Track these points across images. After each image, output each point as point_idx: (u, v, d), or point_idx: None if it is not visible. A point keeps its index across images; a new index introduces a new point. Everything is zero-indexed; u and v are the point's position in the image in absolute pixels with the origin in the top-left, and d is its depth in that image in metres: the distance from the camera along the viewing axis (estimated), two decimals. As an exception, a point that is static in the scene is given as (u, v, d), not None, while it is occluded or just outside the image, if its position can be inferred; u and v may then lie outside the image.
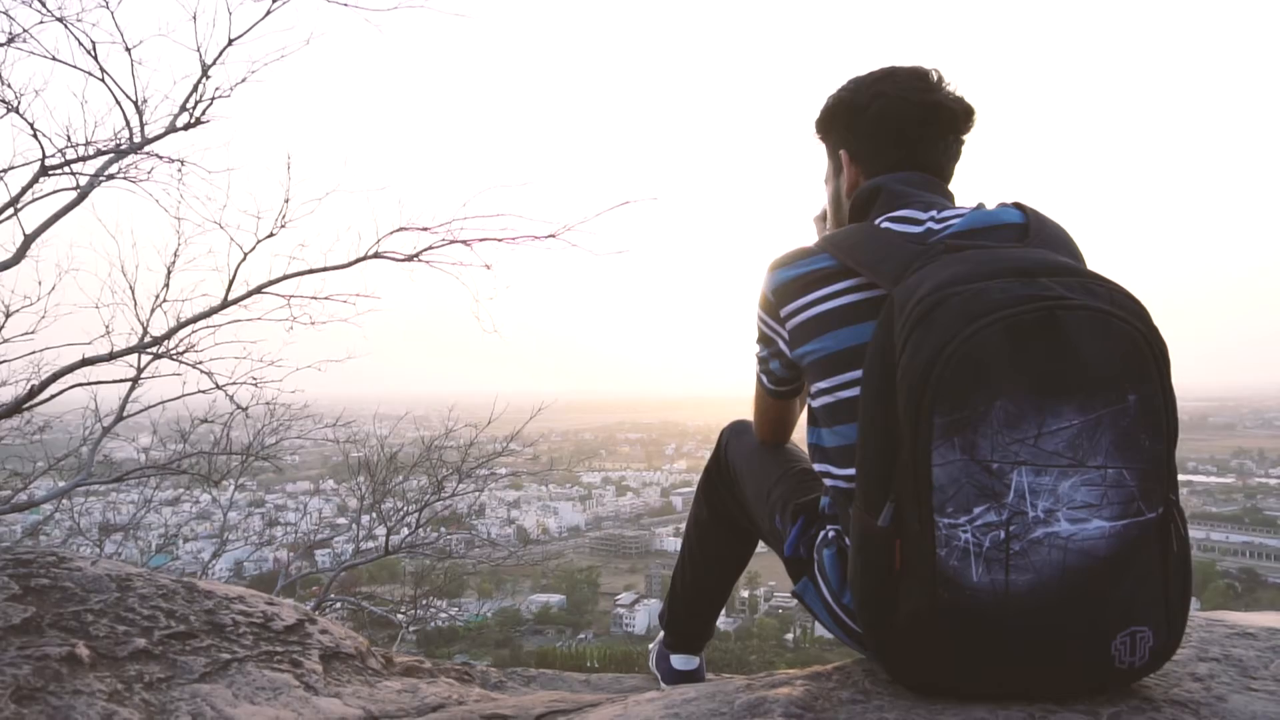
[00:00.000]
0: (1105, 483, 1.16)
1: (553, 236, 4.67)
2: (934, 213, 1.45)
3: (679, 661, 2.13)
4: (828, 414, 1.48)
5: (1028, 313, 1.16)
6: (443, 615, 8.98)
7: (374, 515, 7.56)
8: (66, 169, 4.01)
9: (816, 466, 1.54)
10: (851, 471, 1.37)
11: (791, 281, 1.49)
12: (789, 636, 39.78)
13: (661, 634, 2.21)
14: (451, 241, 4.64)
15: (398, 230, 4.75)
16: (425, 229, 4.71)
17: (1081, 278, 1.23)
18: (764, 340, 1.64)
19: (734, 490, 1.91)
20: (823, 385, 1.47)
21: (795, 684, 1.42)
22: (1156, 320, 1.23)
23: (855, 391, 1.35)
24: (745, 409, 1.91)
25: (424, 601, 8.18)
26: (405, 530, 7.30)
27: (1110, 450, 1.16)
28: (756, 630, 41.54)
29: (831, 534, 1.53)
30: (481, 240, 4.64)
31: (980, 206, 1.46)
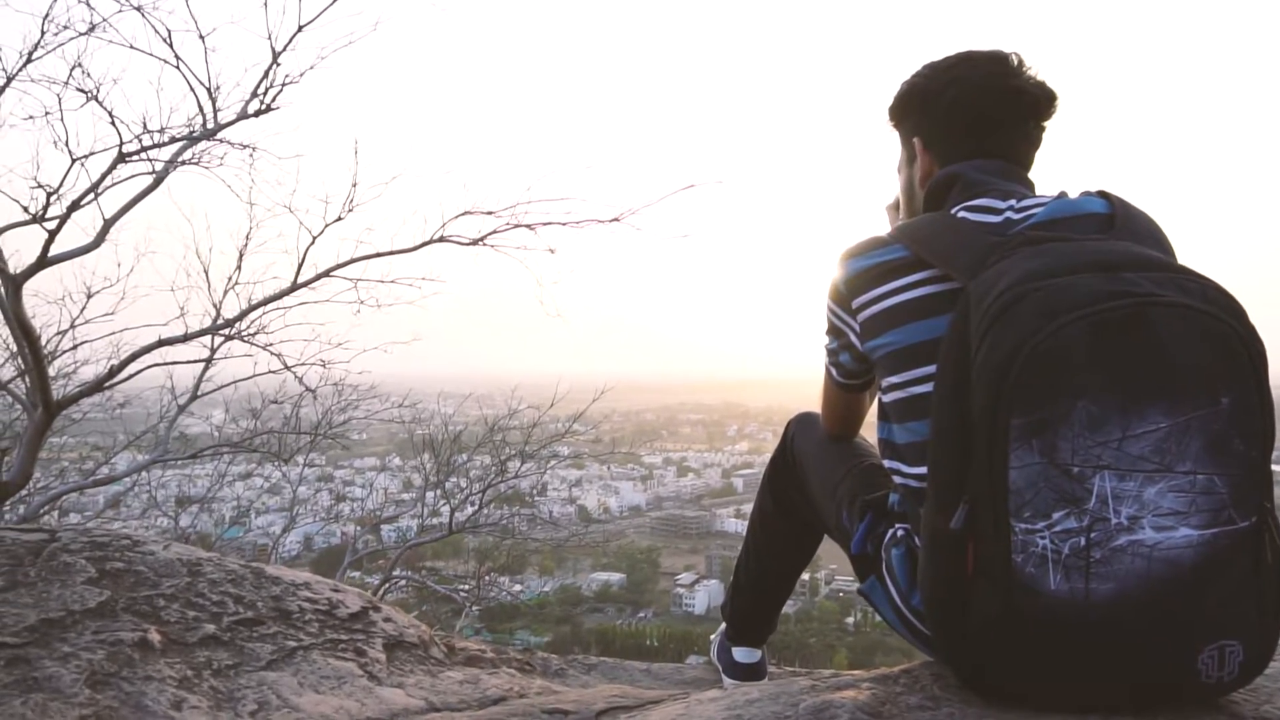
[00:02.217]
0: (1194, 489, 1.10)
1: (617, 220, 4.66)
2: (1013, 202, 1.40)
3: (741, 654, 2.11)
4: (899, 410, 1.43)
5: (1114, 310, 1.10)
6: (505, 594, 9.11)
7: (438, 493, 7.69)
8: (143, 155, 4.11)
9: (886, 463, 1.50)
10: (923, 470, 1.32)
11: (864, 272, 1.45)
12: (850, 620, 39.58)
13: (723, 625, 2.19)
14: (516, 225, 4.66)
15: (463, 214, 4.79)
16: (490, 213, 4.74)
17: (1171, 272, 1.17)
18: (834, 332, 1.60)
19: (800, 484, 1.88)
20: (894, 380, 1.42)
21: (861, 687, 1.39)
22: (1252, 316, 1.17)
23: (928, 388, 1.30)
24: (808, 391, 1.87)
25: (487, 578, 8.30)
26: (469, 508, 7.40)
27: (1200, 455, 1.10)
28: (817, 613, 41.39)
29: (900, 533, 1.49)
30: (545, 224, 4.64)
31: (1062, 195, 1.40)
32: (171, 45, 4.14)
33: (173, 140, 4.09)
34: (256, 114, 4.17)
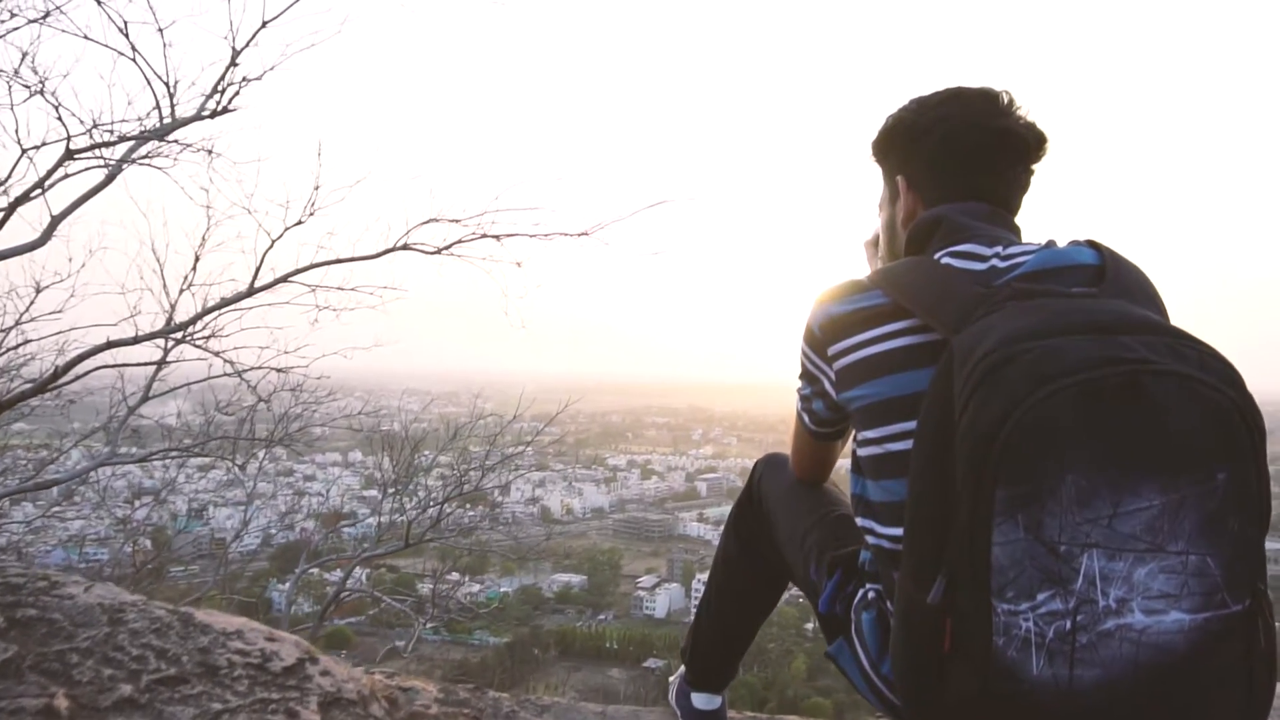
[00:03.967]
0: (1186, 570, 1.04)
1: (585, 235, 4.56)
2: (999, 249, 1.32)
3: (700, 700, 2.03)
4: (874, 466, 1.35)
5: (1108, 377, 1.03)
6: (464, 603, 8.98)
7: (397, 497, 7.54)
8: (93, 153, 3.94)
9: (859, 520, 1.42)
10: (898, 531, 1.24)
11: (840, 318, 1.37)
12: (809, 626, 39.72)
13: (682, 669, 2.10)
14: (482, 235, 4.54)
15: (428, 221, 4.66)
16: (456, 221, 4.61)
17: (1166, 336, 1.09)
18: (807, 378, 1.51)
19: (766, 529, 1.80)
20: (870, 435, 1.34)
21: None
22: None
23: (906, 444, 1.22)
24: (775, 396, 1.80)
25: (446, 579, 8.16)
26: (431, 510, 7.25)
27: (1194, 534, 1.03)
28: (776, 619, 41.47)
29: (872, 595, 1.41)
30: (512, 235, 4.53)
31: (1051, 244, 1.33)
32: (128, 36, 3.98)
33: (124, 139, 3.93)
34: (213, 114, 4.02)
